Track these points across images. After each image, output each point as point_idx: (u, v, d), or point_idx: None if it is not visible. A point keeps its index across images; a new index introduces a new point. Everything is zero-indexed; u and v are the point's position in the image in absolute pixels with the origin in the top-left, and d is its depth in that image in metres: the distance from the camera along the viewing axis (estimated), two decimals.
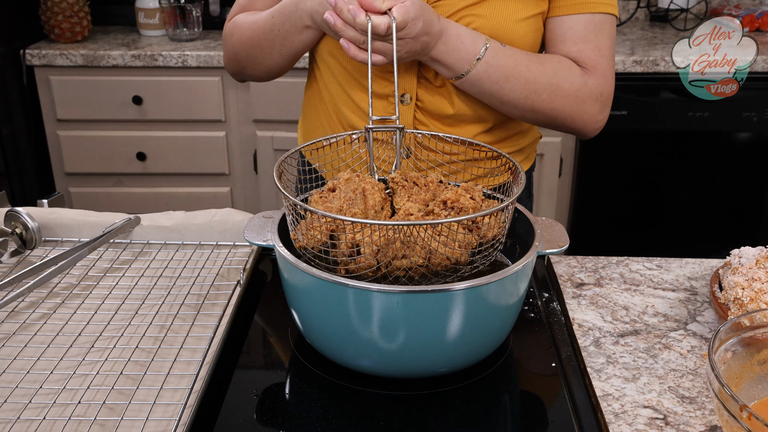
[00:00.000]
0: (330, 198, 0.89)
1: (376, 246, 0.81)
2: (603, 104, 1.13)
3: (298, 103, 2.30)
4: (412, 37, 0.97)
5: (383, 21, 0.93)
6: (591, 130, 1.15)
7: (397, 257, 0.81)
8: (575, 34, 1.10)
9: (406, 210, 0.87)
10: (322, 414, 0.80)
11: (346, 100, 1.16)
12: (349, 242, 0.83)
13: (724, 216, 2.58)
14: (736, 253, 0.96)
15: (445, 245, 0.81)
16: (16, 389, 0.80)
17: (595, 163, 2.51)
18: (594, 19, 1.10)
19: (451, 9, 1.06)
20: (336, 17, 0.97)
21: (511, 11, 1.07)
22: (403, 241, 0.80)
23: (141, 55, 2.40)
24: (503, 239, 0.87)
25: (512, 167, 0.94)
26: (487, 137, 1.17)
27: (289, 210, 0.87)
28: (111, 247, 1.11)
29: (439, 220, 0.77)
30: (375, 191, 0.89)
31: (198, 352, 0.87)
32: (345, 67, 1.14)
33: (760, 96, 2.39)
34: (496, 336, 0.86)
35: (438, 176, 0.95)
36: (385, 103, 1.13)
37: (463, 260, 0.83)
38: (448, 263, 0.83)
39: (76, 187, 2.61)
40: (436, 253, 0.81)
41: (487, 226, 0.86)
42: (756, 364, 0.75)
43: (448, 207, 0.87)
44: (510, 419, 0.84)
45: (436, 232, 0.81)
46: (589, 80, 1.10)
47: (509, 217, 0.87)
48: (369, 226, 0.80)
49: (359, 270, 0.82)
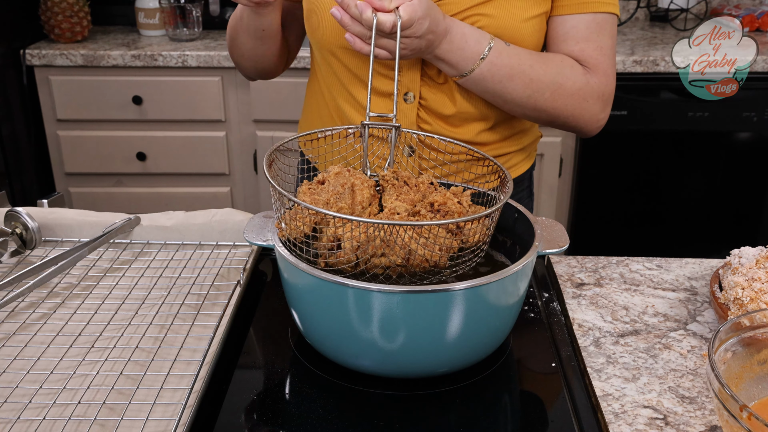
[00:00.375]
0: (318, 190, 0.89)
1: (357, 242, 0.81)
2: (604, 103, 1.13)
3: (298, 103, 2.30)
4: (418, 36, 0.98)
5: (389, 19, 0.93)
6: (593, 128, 1.15)
7: (376, 255, 0.81)
8: (577, 34, 1.11)
9: (392, 209, 0.87)
10: (322, 414, 0.80)
11: (348, 97, 1.17)
12: (331, 236, 0.83)
13: (724, 216, 2.58)
14: (736, 253, 0.96)
15: (425, 247, 0.81)
16: (16, 389, 0.80)
17: (595, 163, 2.51)
18: (596, 18, 1.10)
19: (458, 8, 1.07)
20: (343, 13, 0.97)
21: (516, 11, 1.07)
22: (383, 239, 0.80)
23: (141, 55, 2.40)
24: (485, 246, 0.87)
25: (501, 175, 0.94)
26: (490, 135, 1.17)
27: (276, 199, 0.87)
28: (111, 247, 1.11)
29: (421, 222, 0.78)
30: (364, 187, 0.89)
31: (198, 352, 0.87)
32: (347, 65, 1.14)
33: (760, 96, 2.39)
34: (496, 336, 0.86)
35: (430, 178, 0.95)
36: (387, 101, 1.13)
37: (442, 264, 0.84)
38: (426, 265, 0.83)
39: (76, 187, 2.61)
40: (414, 254, 0.81)
41: (470, 232, 0.86)
42: (756, 364, 0.75)
43: (435, 210, 0.87)
44: (510, 419, 0.84)
45: (417, 233, 0.81)
46: (591, 79, 1.11)
47: (494, 224, 0.87)
48: (351, 221, 0.80)
49: (338, 264, 0.82)
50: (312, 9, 1.13)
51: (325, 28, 1.11)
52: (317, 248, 0.84)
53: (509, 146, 1.21)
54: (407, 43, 0.98)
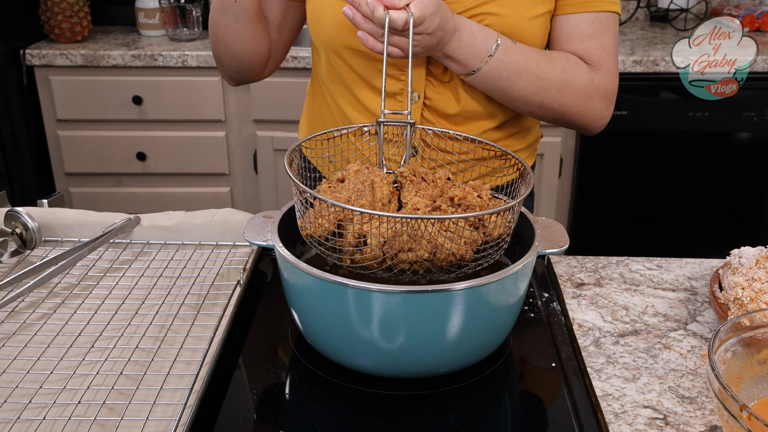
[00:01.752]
0: (339, 188, 0.89)
1: (383, 238, 0.81)
2: (609, 100, 1.14)
3: (298, 103, 2.30)
4: (429, 33, 0.98)
5: (401, 16, 0.94)
6: (597, 126, 1.17)
7: (403, 250, 0.81)
8: (581, 32, 1.11)
9: (413, 204, 0.88)
10: (322, 414, 0.80)
11: (351, 99, 1.16)
12: (356, 233, 0.83)
13: (724, 216, 2.58)
14: (736, 253, 0.96)
15: (452, 241, 0.81)
16: (16, 389, 0.80)
17: (595, 163, 2.51)
18: (599, 17, 1.11)
19: (464, 6, 1.07)
20: (354, 11, 0.97)
21: (522, 9, 1.08)
22: (410, 234, 0.81)
23: (141, 55, 2.40)
24: (508, 239, 0.87)
25: (521, 167, 0.94)
26: (494, 134, 1.17)
27: (298, 198, 0.87)
28: (111, 247, 1.11)
29: (447, 215, 0.78)
30: (383, 184, 0.89)
31: (198, 352, 0.87)
32: (351, 66, 1.14)
33: (760, 96, 2.39)
34: (496, 336, 0.86)
35: (446, 173, 0.96)
36: (393, 101, 1.14)
37: (468, 257, 0.84)
38: (453, 259, 0.83)
39: (76, 187, 2.61)
40: (441, 248, 0.81)
41: (493, 225, 0.86)
42: (756, 364, 0.75)
43: (455, 204, 0.87)
44: (510, 419, 0.84)
45: (443, 227, 0.81)
46: (596, 77, 1.12)
47: (515, 217, 0.87)
48: (377, 217, 0.81)
49: (364, 261, 0.82)
50: (316, 10, 1.13)
51: (330, 28, 1.11)
52: (341, 245, 0.84)
53: (515, 145, 1.21)
54: (419, 40, 0.98)
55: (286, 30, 1.25)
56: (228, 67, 1.25)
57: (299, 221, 0.88)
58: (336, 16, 1.09)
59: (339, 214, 0.85)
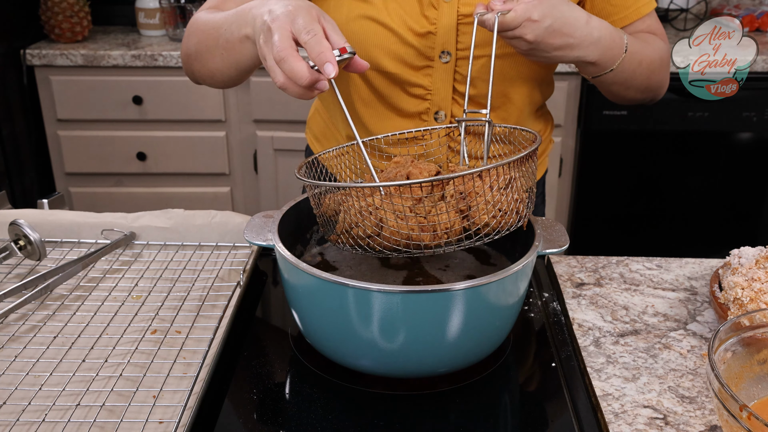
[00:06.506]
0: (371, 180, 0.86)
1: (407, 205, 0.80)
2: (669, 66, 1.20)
3: (298, 103, 2.30)
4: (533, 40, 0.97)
5: (489, 17, 0.95)
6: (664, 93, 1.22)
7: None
8: (637, 28, 1.15)
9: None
10: (322, 414, 0.80)
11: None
12: (373, 215, 0.81)
13: (724, 216, 2.57)
14: (736, 253, 0.96)
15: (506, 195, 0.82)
16: (16, 391, 0.80)
17: (595, 163, 2.51)
18: (644, 19, 1.15)
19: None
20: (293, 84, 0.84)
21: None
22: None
23: (141, 55, 2.40)
24: (531, 204, 0.87)
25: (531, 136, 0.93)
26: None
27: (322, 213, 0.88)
28: (111, 247, 1.11)
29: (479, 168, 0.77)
30: (421, 177, 0.87)
31: (198, 353, 0.86)
32: (377, 88, 1.11)
33: (760, 96, 2.39)
34: (496, 336, 0.86)
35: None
36: (418, 121, 1.13)
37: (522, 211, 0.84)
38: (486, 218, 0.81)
39: (76, 187, 2.61)
40: (476, 208, 0.80)
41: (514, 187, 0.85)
42: (756, 364, 0.75)
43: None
44: (510, 419, 0.84)
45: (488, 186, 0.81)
46: (664, 45, 1.16)
47: (534, 168, 0.87)
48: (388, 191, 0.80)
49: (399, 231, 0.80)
50: None
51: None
52: (364, 231, 0.82)
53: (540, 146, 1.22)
54: (516, 43, 0.98)
55: None
56: (200, 79, 1.14)
57: (332, 236, 0.87)
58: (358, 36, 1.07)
59: (371, 203, 0.82)
